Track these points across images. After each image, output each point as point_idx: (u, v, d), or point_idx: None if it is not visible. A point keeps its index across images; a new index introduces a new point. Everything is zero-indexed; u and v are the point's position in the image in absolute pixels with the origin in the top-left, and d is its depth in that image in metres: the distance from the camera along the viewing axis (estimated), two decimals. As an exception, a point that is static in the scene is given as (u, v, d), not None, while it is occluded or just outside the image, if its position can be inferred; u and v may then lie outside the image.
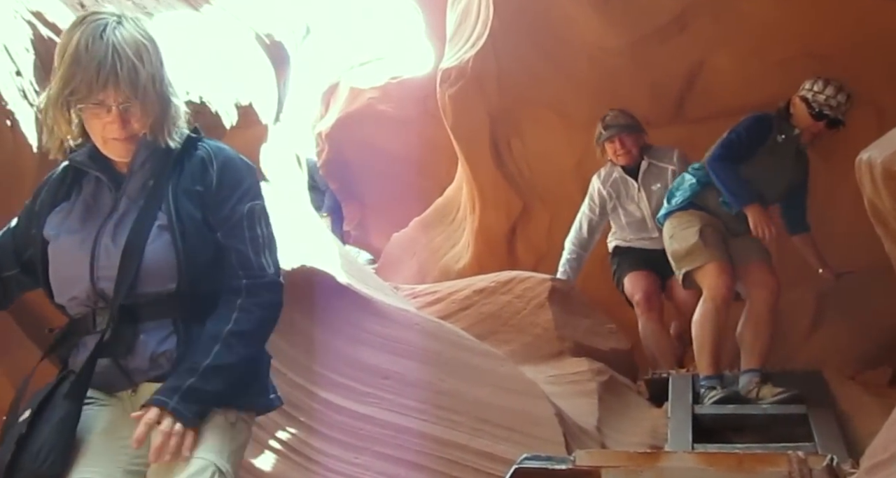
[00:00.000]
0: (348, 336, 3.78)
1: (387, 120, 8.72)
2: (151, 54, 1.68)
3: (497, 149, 6.51)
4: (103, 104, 1.65)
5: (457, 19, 6.71)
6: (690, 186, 4.38)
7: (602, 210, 5.28)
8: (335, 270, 3.96)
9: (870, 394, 4.10)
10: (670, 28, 5.39)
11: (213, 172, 1.74)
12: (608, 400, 4.47)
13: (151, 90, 1.66)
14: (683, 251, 4.24)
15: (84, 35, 1.64)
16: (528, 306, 5.07)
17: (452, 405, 3.71)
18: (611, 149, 5.13)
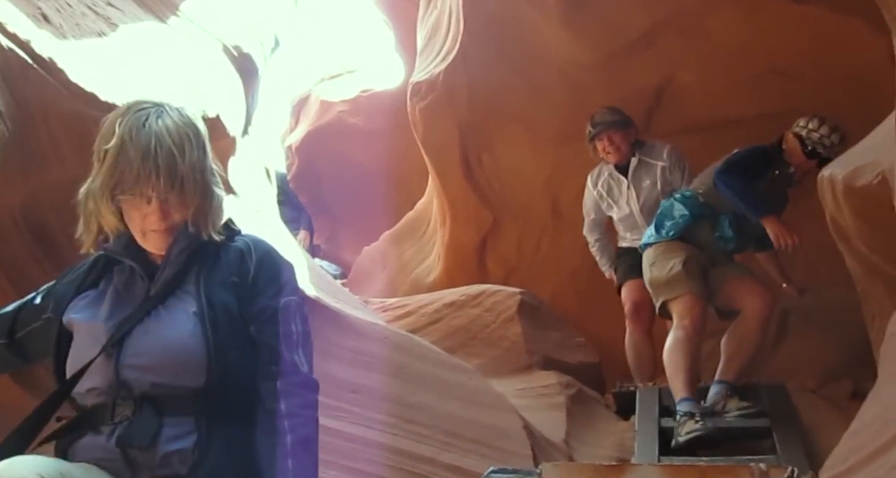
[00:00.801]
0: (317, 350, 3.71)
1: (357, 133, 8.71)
2: (194, 144, 1.64)
3: (467, 163, 6.53)
4: (144, 195, 1.62)
5: (427, 33, 6.74)
6: (683, 218, 4.32)
7: (598, 209, 5.24)
8: (304, 283, 3.94)
9: (831, 407, 4.16)
10: (639, 44, 5.46)
11: (250, 263, 1.69)
12: (576, 413, 4.49)
13: (191, 180, 1.62)
14: (664, 279, 4.22)
15: (128, 126, 1.62)
16: (498, 320, 5.08)
17: (421, 419, 3.70)
18: (600, 147, 5.06)
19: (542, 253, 6.64)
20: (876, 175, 2.29)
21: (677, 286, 4.16)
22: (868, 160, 2.40)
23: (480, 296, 5.22)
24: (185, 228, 1.66)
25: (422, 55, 6.75)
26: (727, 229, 4.28)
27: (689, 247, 4.27)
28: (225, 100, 3.79)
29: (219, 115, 3.64)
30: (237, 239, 1.73)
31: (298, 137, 9.19)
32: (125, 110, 1.65)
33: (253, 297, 1.66)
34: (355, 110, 8.93)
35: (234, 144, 4.03)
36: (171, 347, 1.62)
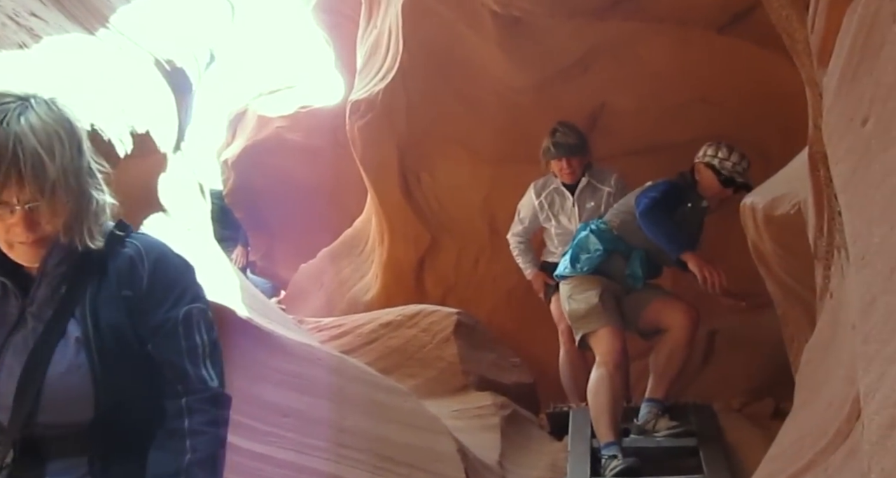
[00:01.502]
0: (248, 373, 3.68)
1: (296, 149, 8.63)
2: (65, 143, 1.44)
3: (406, 182, 6.53)
4: (6, 204, 1.42)
5: (367, 52, 6.74)
6: (597, 252, 4.35)
7: (533, 218, 5.26)
8: (235, 303, 3.87)
9: (754, 426, 4.27)
10: (574, 69, 5.55)
11: (143, 271, 1.51)
12: (510, 434, 4.50)
13: (63, 186, 1.42)
14: (582, 312, 4.26)
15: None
16: (434, 340, 5.07)
17: (354, 443, 3.66)
18: (556, 166, 5.10)
19: (480, 272, 6.66)
20: (793, 205, 2.37)
21: (595, 320, 4.21)
22: (786, 190, 2.48)
23: (417, 316, 5.20)
24: (59, 236, 1.47)
25: (361, 73, 6.74)
26: (637, 268, 4.33)
27: (603, 279, 4.32)
28: (156, 115, 3.71)
29: (149, 131, 3.56)
30: (127, 244, 1.53)
31: (235, 152, 9.05)
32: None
33: (149, 310, 1.49)
34: (294, 126, 8.85)
35: (165, 160, 3.95)
36: (51, 382, 1.43)
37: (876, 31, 1.03)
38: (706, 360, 4.90)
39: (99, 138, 2.96)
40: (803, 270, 2.47)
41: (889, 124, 0.93)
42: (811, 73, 1.80)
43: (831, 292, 1.88)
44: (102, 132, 3.02)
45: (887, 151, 0.93)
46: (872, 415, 0.81)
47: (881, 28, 1.01)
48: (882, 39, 0.99)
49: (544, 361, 5.60)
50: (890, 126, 0.93)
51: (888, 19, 0.95)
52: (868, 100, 1.02)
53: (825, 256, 1.98)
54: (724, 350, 4.95)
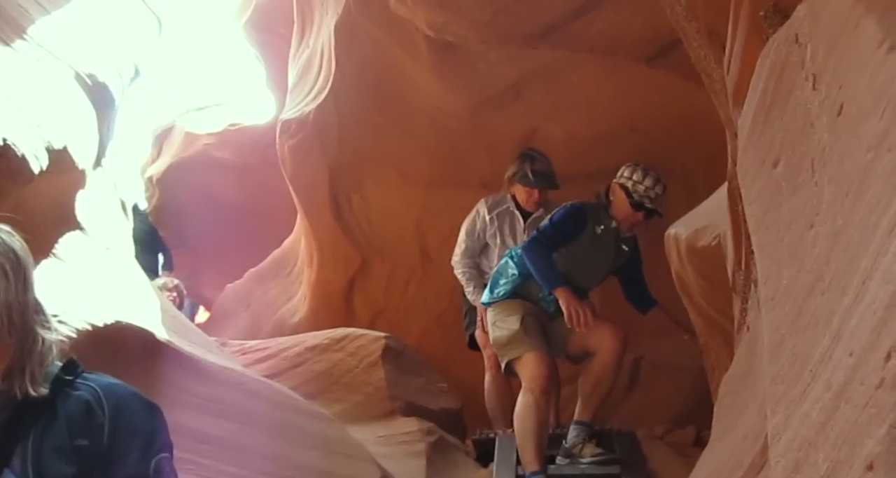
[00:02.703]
0: (165, 397, 3.52)
1: (224, 167, 8.48)
2: (10, 277, 1.32)
3: (337, 203, 6.48)
4: None
5: (298, 71, 6.69)
6: (513, 278, 4.35)
7: (482, 235, 5.18)
8: (154, 325, 3.74)
9: (676, 454, 4.33)
10: (506, 95, 5.61)
11: (103, 418, 1.33)
12: (436, 461, 4.46)
13: (5, 325, 1.29)
14: (505, 339, 4.22)
15: None
16: (361, 365, 5.01)
17: (275, 471, 3.57)
18: (525, 194, 5.04)
19: (410, 295, 6.64)
20: (714, 237, 2.41)
21: (518, 346, 4.17)
22: (708, 222, 2.53)
23: (344, 340, 5.13)
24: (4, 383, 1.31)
25: (292, 93, 6.68)
26: (548, 293, 4.30)
27: (525, 304, 4.29)
28: (74, 130, 3.58)
29: (66, 147, 3.43)
30: (79, 386, 1.36)
31: (160, 169, 8.83)
32: None
33: (111, 462, 1.32)
34: (222, 144, 8.69)
35: (84, 177, 3.82)
36: None
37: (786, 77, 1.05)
38: (631, 386, 4.95)
39: (11, 153, 2.84)
40: (724, 301, 2.51)
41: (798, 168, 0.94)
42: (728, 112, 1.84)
43: (748, 325, 1.91)
44: (16, 147, 2.90)
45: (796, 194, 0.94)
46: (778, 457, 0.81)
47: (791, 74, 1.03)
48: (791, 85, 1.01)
49: (472, 386, 5.59)
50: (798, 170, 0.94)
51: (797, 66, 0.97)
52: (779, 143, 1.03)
53: (743, 290, 2.01)
54: (649, 377, 5.02)
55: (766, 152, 1.07)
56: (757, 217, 1.09)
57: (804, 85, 0.95)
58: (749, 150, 1.18)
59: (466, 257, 5.24)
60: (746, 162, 1.20)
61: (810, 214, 0.88)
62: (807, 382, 0.79)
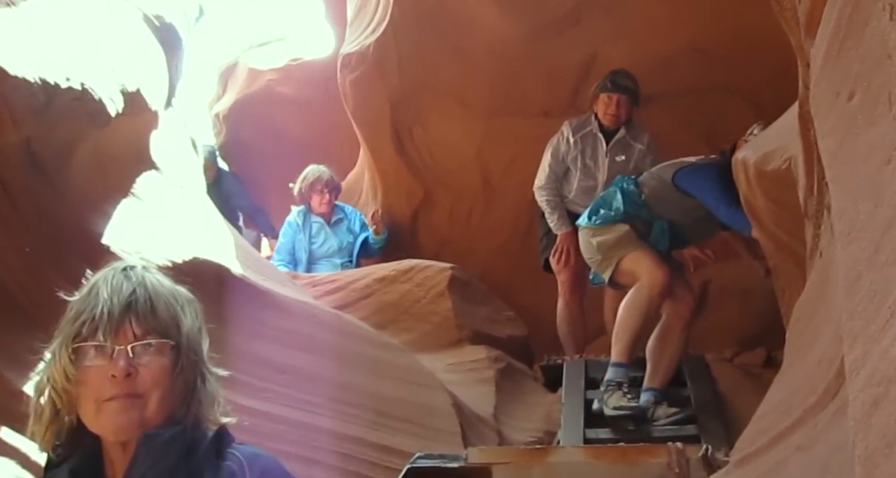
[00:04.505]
0: (243, 330, 3.71)
1: (287, 102, 8.54)
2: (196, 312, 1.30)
3: (398, 135, 6.50)
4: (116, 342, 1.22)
5: (357, 4, 6.63)
6: (616, 212, 4.17)
7: (562, 160, 5.10)
8: (230, 261, 3.88)
9: (746, 375, 4.31)
10: (565, 21, 5.48)
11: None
12: (505, 387, 4.56)
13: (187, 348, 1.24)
14: (613, 241, 4.07)
15: (104, 275, 1.26)
16: (428, 295, 5.10)
17: (349, 398, 3.71)
18: (604, 104, 4.91)
19: (473, 226, 6.68)
20: (784, 160, 2.37)
21: (628, 243, 4.02)
22: (777, 145, 2.48)
23: (411, 271, 5.22)
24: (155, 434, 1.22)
25: (352, 26, 6.64)
26: (661, 241, 4.14)
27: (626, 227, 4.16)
28: (146, 72, 3.66)
29: (139, 89, 3.52)
30: (228, 456, 1.30)
31: (226, 106, 8.95)
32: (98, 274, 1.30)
33: None
34: (285, 79, 8.74)
35: (156, 118, 3.92)
36: None
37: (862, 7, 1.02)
38: (699, 310, 4.91)
39: (89, 97, 2.94)
40: (794, 223, 2.48)
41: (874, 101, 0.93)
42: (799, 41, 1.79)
43: (821, 251, 1.90)
44: (93, 91, 2.99)
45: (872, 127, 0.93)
46: (857, 393, 0.83)
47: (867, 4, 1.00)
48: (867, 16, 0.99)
49: (538, 314, 5.66)
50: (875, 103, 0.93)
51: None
52: (853, 75, 1.01)
53: (815, 215, 1.99)
54: (717, 300, 4.97)
55: (841, 84, 1.05)
56: (831, 151, 1.08)
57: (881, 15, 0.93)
58: (822, 82, 1.16)
59: (551, 183, 5.16)
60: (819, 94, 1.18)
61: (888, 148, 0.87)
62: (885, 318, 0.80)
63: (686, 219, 4.13)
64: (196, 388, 1.26)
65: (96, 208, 3.15)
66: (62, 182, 2.97)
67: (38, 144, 2.83)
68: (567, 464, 2.34)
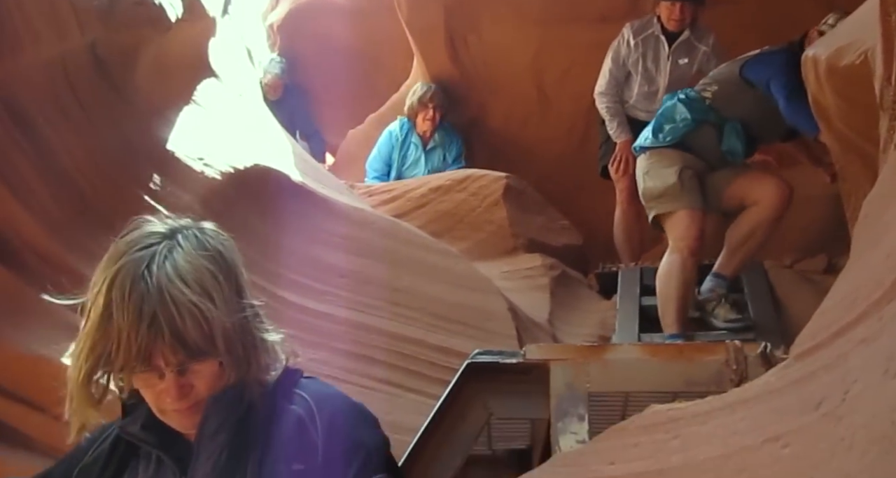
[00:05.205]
0: (305, 236, 3.80)
1: (340, 12, 8.43)
2: (223, 286, 1.18)
3: (453, 44, 6.40)
4: (155, 368, 1.16)
5: None
6: (684, 122, 3.94)
7: (623, 64, 4.96)
8: (289, 168, 3.94)
9: (805, 281, 4.25)
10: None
11: (316, 436, 1.20)
12: (559, 294, 4.61)
13: (224, 341, 1.16)
14: (658, 192, 3.92)
15: (119, 277, 1.14)
16: (483, 204, 5.12)
17: (408, 302, 3.80)
18: (667, 10, 4.72)
19: (529, 135, 6.62)
20: (859, 55, 2.27)
21: (672, 201, 3.87)
22: (851, 39, 2.37)
23: (466, 180, 5.23)
24: (221, 396, 1.20)
25: (404, -70, 6.47)
26: (735, 142, 3.90)
27: (686, 155, 3.94)
28: (201, -22, 3.65)
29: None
30: (296, 399, 1.25)
31: (280, 16, 8.88)
32: (119, 252, 1.18)
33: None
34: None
35: (214, 25, 3.93)
36: None
37: None
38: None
39: (150, 2, 2.96)
40: (865, 123, 2.40)
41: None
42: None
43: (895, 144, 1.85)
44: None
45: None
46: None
47: None
48: None
49: (593, 223, 5.65)
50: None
51: None
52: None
53: (891, 107, 1.92)
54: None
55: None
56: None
57: None
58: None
59: (611, 88, 5.05)
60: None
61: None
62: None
63: (757, 112, 3.92)
64: (248, 356, 1.21)
65: (160, 115, 3.21)
66: (127, 88, 3.02)
67: (103, 49, 2.87)
68: (623, 361, 2.37)
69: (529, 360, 2.42)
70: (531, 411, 2.55)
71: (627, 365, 2.36)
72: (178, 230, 1.20)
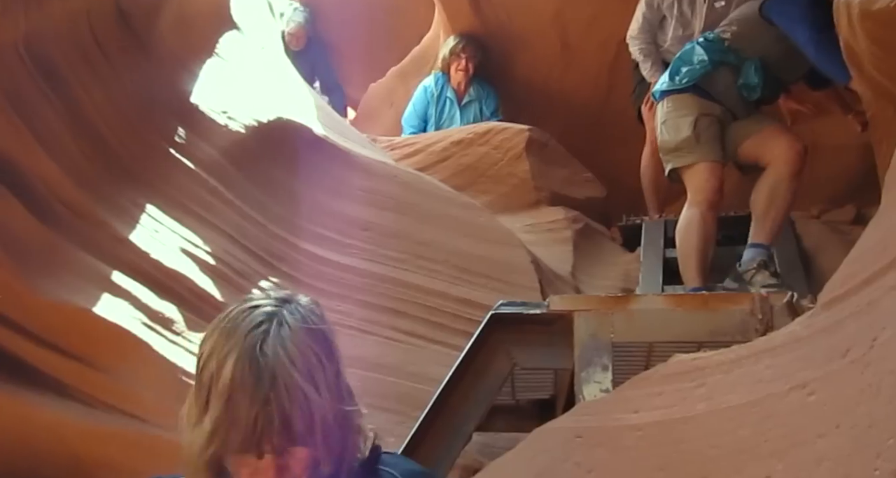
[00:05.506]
0: (328, 189, 3.81)
1: (360, -37, 8.32)
2: (326, 368, 1.19)
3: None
4: (255, 449, 1.17)
5: None
6: (701, 64, 3.81)
7: (659, 5, 4.83)
8: (312, 122, 3.94)
9: (833, 232, 4.19)
10: None
11: None
12: (583, 246, 4.61)
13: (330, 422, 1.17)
14: (673, 145, 3.82)
15: (240, 361, 1.16)
16: (506, 157, 5.10)
17: (431, 255, 3.82)
18: None
19: (552, 87, 6.54)
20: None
21: (687, 154, 3.77)
22: (887, -18, 2.31)
23: (488, 133, 5.20)
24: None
25: None
26: (752, 76, 3.78)
27: (704, 102, 3.82)
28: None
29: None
30: (382, 474, 1.29)
31: (298, -31, 8.80)
32: (231, 328, 1.19)
33: None
34: (357, -62, 8.48)
35: (234, -23, 3.89)
36: None
37: None
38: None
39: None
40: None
41: None
42: None
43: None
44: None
45: None
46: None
47: None
48: None
49: (616, 176, 5.61)
50: None
51: None
52: None
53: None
54: (805, 157, 4.78)
55: None
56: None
57: None
58: None
59: (644, 32, 4.94)
60: None
61: None
62: None
63: (777, 51, 3.79)
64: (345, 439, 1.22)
65: (184, 67, 3.21)
66: (151, 40, 3.02)
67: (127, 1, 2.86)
68: (647, 311, 2.38)
69: (553, 310, 2.44)
70: (555, 361, 2.58)
71: (651, 315, 2.37)
72: (284, 302, 1.22)
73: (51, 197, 2.42)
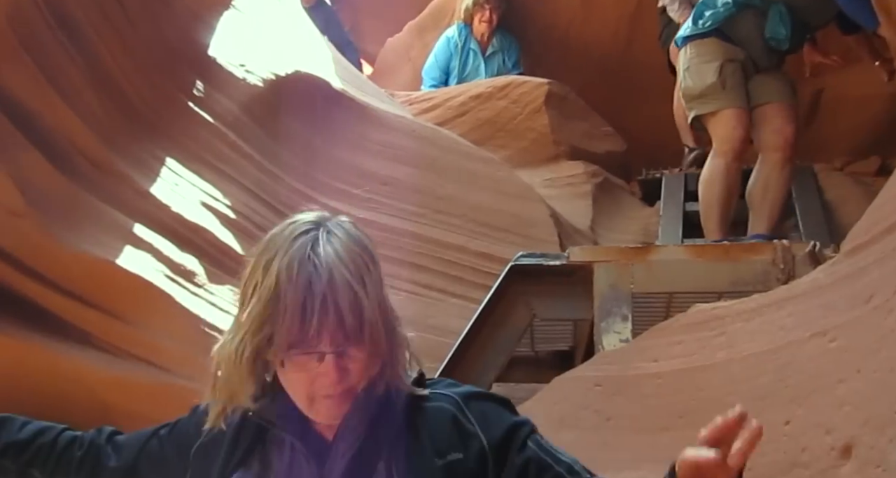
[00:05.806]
0: (347, 143, 3.81)
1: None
2: (373, 272, 1.19)
3: (492, -53, 6.18)
4: (314, 351, 1.16)
5: None
6: (725, 6, 3.71)
7: None
8: (330, 76, 3.91)
9: (856, 183, 4.14)
10: None
11: (474, 427, 1.23)
12: (602, 201, 4.59)
13: (379, 325, 1.17)
14: (697, 91, 3.75)
15: (286, 260, 1.14)
16: (525, 111, 5.05)
17: (450, 209, 3.82)
18: None
19: (571, 40, 6.44)
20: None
21: (712, 101, 3.69)
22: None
23: (507, 88, 5.15)
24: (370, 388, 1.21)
25: None
26: (779, 27, 3.67)
27: (729, 48, 3.74)
28: None
29: None
30: (434, 397, 1.27)
31: (313, -79, 8.65)
32: (277, 239, 1.18)
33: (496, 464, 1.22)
34: None
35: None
36: None
37: None
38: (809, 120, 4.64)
39: None
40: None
41: None
42: None
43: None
44: None
45: None
46: None
47: None
48: None
49: (636, 129, 5.55)
50: None
51: None
52: None
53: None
54: (829, 109, 4.67)
55: None
56: None
57: None
58: None
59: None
60: None
61: None
62: None
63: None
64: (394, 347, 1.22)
65: (202, 20, 3.18)
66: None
67: (142, -47, 2.83)
68: (667, 262, 2.38)
69: (573, 261, 2.44)
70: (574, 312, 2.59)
71: (672, 266, 2.37)
72: (326, 220, 1.21)
73: (73, 150, 2.43)
